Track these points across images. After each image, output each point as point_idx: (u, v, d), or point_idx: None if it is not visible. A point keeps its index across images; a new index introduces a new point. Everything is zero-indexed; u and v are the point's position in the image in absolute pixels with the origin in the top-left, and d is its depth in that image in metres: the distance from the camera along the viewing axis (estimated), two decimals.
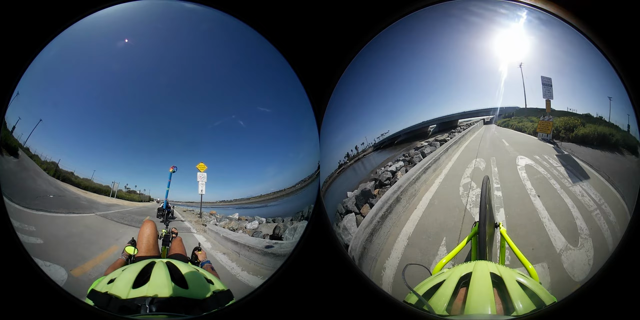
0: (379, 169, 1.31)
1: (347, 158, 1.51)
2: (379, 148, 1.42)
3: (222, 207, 1.78)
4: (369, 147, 1.43)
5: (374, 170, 1.45)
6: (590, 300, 1.32)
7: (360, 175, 1.52)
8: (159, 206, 1.72)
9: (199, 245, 1.73)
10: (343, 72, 1.50)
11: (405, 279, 1.18)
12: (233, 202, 1.77)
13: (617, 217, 1.38)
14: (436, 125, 1.36)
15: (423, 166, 1.12)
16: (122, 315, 1.18)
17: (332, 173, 1.50)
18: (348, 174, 1.47)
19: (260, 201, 1.73)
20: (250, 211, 1.77)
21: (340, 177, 1.49)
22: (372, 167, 1.47)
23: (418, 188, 1.12)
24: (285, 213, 1.71)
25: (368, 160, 1.44)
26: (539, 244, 1.01)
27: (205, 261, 1.68)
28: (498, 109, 1.04)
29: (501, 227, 1.55)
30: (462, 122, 1.29)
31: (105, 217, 1.60)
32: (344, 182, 1.51)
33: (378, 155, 1.43)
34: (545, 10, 1.38)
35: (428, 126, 1.38)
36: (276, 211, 1.73)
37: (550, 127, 0.85)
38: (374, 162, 1.45)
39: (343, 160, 1.48)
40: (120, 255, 1.61)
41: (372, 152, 1.42)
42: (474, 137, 1.08)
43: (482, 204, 1.37)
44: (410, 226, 1.08)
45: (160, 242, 1.74)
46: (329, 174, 1.50)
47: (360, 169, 1.50)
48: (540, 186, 0.87)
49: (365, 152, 1.43)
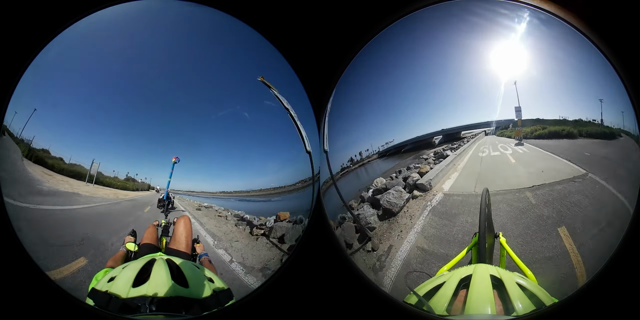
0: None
1: (351, 162, 1.57)
2: (385, 155, 1.51)
3: (224, 198, 1.78)
4: (374, 154, 1.52)
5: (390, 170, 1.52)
6: (590, 300, 1.32)
7: (362, 180, 1.60)
8: (160, 196, 1.72)
9: (197, 238, 1.73)
10: (343, 73, 1.50)
11: (406, 282, 1.27)
12: (233, 194, 1.77)
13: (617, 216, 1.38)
14: (442, 136, 1.49)
15: (459, 152, 1.39)
16: (122, 315, 1.18)
17: (334, 175, 1.56)
18: (350, 177, 1.56)
19: (261, 195, 1.72)
20: (253, 205, 1.77)
21: (343, 179, 1.57)
22: (377, 173, 1.57)
23: (459, 158, 1.39)
24: (286, 210, 1.71)
25: (372, 166, 1.53)
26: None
27: (203, 253, 1.68)
28: (494, 122, 1.26)
29: (501, 237, 1.55)
30: (465, 133, 1.45)
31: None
32: (348, 183, 1.58)
33: (383, 163, 1.52)
34: (545, 11, 1.38)
35: (433, 137, 1.50)
36: (278, 207, 1.72)
37: (520, 133, 1.21)
38: (381, 168, 1.55)
39: (347, 164, 1.55)
40: (121, 247, 1.61)
41: (377, 159, 1.51)
42: (481, 141, 1.34)
43: (481, 214, 1.37)
44: (459, 170, 1.34)
45: (160, 231, 1.74)
46: (330, 176, 1.55)
47: (363, 174, 1.57)
48: (515, 155, 1.20)
49: (370, 158, 1.52)
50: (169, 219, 1.77)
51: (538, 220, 1.26)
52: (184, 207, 1.78)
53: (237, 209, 1.80)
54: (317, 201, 1.54)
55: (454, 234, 1.39)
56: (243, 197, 1.75)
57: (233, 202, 1.79)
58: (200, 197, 1.78)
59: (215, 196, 1.76)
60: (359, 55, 1.50)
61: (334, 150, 1.53)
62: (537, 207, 1.25)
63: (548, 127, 1.19)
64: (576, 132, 1.15)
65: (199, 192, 1.74)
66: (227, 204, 1.80)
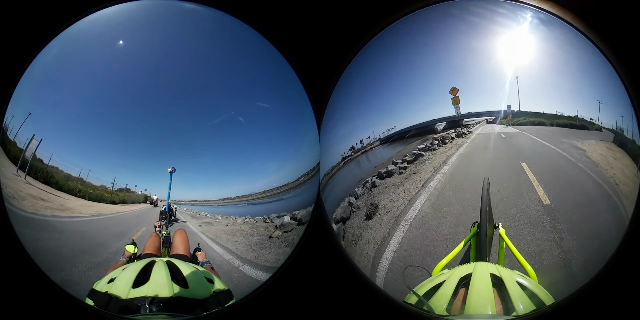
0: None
1: (352, 151, 1.70)
2: (387, 142, 1.70)
3: (227, 205, 1.73)
4: (376, 141, 1.68)
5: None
6: (590, 300, 1.32)
7: (364, 169, 1.73)
8: (161, 209, 1.68)
9: (199, 246, 1.73)
10: (343, 72, 1.50)
11: (405, 280, 1.31)
12: (236, 199, 1.73)
13: (616, 216, 1.39)
14: (445, 123, 1.72)
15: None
16: (122, 315, 1.18)
17: (335, 166, 1.68)
18: (351, 166, 1.72)
19: (265, 197, 1.70)
20: (262, 207, 1.71)
21: (346, 168, 1.71)
22: (382, 158, 1.77)
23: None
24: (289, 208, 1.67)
25: (373, 153, 1.71)
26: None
27: (205, 261, 1.68)
28: (495, 111, 1.55)
29: (500, 228, 1.56)
30: (467, 121, 1.71)
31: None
32: (351, 171, 1.72)
33: (385, 149, 1.71)
34: (545, 11, 1.38)
35: (436, 124, 1.73)
36: (288, 205, 1.68)
37: (508, 122, 1.55)
38: (383, 154, 1.74)
39: (348, 153, 1.70)
40: (121, 256, 1.61)
41: (379, 145, 1.69)
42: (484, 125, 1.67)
43: (482, 205, 1.44)
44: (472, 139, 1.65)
45: (161, 242, 1.73)
46: (330, 168, 1.65)
47: (365, 163, 1.72)
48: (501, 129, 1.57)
49: (372, 145, 1.69)
50: (169, 230, 1.75)
51: (508, 149, 1.64)
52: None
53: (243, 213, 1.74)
54: (317, 199, 1.54)
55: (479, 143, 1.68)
56: (250, 200, 1.71)
57: (242, 208, 1.72)
58: (205, 207, 1.72)
59: (219, 204, 1.71)
60: (359, 55, 1.51)
61: (333, 147, 1.59)
62: (508, 143, 1.59)
63: (528, 118, 1.52)
64: (547, 122, 1.49)
65: (202, 201, 1.69)
66: (236, 210, 1.73)
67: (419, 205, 1.68)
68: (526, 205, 1.56)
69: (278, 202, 1.67)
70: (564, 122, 1.44)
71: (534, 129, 1.49)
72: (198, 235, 1.67)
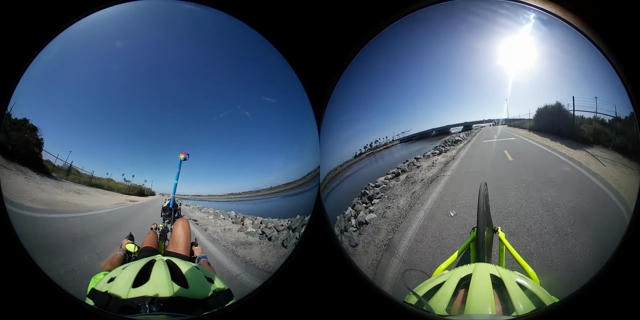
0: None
1: (368, 149, 1.91)
2: (407, 141, 1.92)
3: (232, 201, 1.69)
4: (396, 140, 1.90)
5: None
6: (591, 300, 1.32)
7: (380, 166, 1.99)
8: (165, 204, 1.54)
9: (195, 241, 1.72)
10: (343, 72, 1.50)
11: (404, 281, 1.33)
12: (242, 195, 1.64)
13: (616, 216, 1.39)
14: (462, 127, 1.98)
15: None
16: (122, 315, 1.18)
17: (336, 168, 1.79)
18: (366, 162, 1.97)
19: (271, 193, 1.65)
20: (270, 203, 1.68)
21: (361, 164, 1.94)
22: (403, 156, 2.07)
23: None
24: (290, 208, 1.67)
25: (390, 152, 1.97)
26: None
27: (201, 256, 1.67)
28: (495, 119, 1.75)
29: (500, 231, 1.56)
30: (475, 126, 1.98)
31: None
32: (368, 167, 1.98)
33: (406, 147, 1.96)
34: (545, 11, 1.38)
35: (450, 128, 1.99)
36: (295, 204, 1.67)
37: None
38: (404, 152, 2.01)
39: (363, 150, 1.91)
40: (118, 250, 1.60)
41: (399, 144, 1.92)
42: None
43: (479, 209, 1.44)
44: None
45: (158, 235, 1.72)
46: (331, 170, 1.72)
47: (378, 161, 1.99)
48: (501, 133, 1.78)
49: (393, 143, 1.92)
50: (166, 224, 1.66)
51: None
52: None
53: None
54: (317, 200, 1.54)
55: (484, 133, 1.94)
56: (256, 196, 1.63)
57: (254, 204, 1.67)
58: (212, 202, 1.63)
59: (226, 199, 1.62)
60: (359, 55, 1.50)
61: (333, 147, 1.60)
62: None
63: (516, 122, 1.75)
64: (531, 125, 1.73)
65: (207, 196, 1.56)
66: (248, 207, 1.68)
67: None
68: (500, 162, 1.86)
69: (283, 198, 1.65)
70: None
71: (516, 131, 1.80)
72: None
